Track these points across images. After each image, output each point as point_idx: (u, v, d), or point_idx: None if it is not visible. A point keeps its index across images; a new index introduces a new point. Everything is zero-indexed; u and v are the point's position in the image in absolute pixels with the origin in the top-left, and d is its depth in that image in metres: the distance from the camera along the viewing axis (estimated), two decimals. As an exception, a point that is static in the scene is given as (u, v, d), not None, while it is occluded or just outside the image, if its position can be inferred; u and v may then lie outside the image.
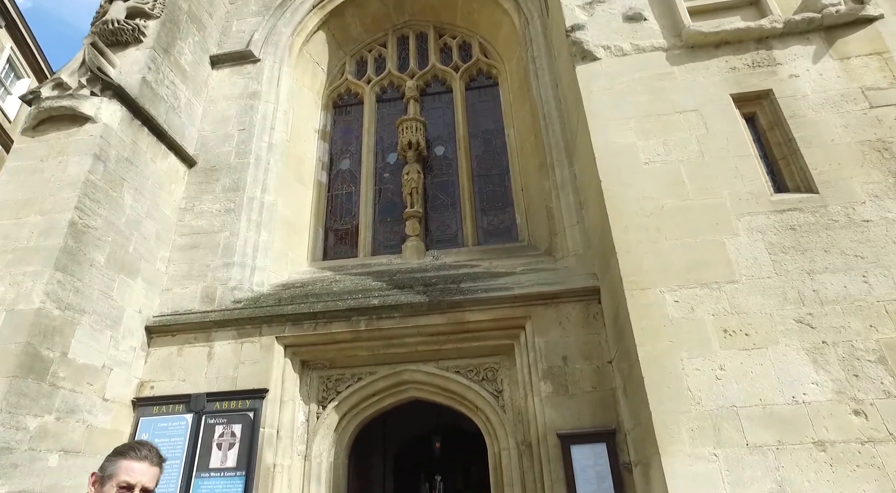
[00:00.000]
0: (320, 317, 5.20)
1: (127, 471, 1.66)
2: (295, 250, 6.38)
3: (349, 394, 5.28)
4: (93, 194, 4.86)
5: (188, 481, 4.68)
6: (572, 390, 4.60)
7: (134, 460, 1.69)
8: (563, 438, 4.41)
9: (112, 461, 1.70)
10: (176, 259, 5.80)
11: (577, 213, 5.38)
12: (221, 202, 6.08)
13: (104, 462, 1.71)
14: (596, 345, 4.74)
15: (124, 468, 1.67)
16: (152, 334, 5.37)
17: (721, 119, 4.35)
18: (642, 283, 3.87)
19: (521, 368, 4.90)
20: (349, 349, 5.26)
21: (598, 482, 4.24)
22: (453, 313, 5.04)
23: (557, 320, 4.89)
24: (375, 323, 5.12)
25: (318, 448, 5.10)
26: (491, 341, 5.10)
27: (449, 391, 5.23)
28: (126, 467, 1.67)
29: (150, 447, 1.78)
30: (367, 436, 6.15)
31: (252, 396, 4.95)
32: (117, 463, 1.68)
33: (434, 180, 6.93)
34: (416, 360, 5.28)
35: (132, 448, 1.74)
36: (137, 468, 1.68)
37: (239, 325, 5.28)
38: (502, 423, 4.91)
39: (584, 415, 4.50)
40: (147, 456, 1.73)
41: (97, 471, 1.70)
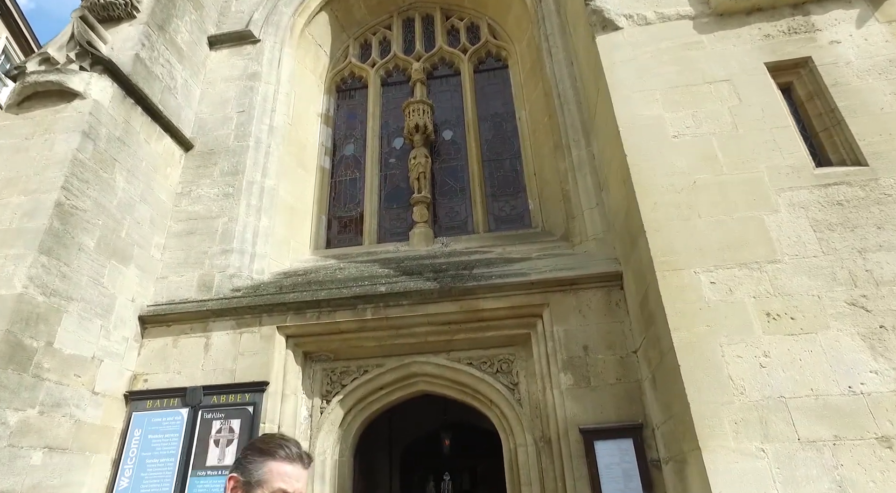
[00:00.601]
0: (324, 305, 4.88)
1: (281, 477, 1.31)
2: (297, 237, 6.06)
3: (355, 388, 4.95)
4: (81, 174, 4.54)
5: (183, 480, 4.35)
6: (594, 382, 4.28)
7: (286, 462, 1.34)
8: (586, 433, 4.09)
9: (256, 463, 1.32)
10: (171, 246, 5.48)
11: (596, 195, 5.05)
12: (220, 187, 5.76)
13: (242, 463, 1.34)
14: (619, 334, 4.41)
15: (277, 472, 1.31)
16: (146, 324, 5.05)
17: (755, 89, 4.02)
18: (675, 263, 3.54)
19: (539, 359, 4.57)
20: (355, 340, 4.93)
21: (624, 481, 3.92)
22: (466, 300, 4.71)
23: (577, 307, 4.57)
24: (383, 312, 4.80)
25: (321, 445, 4.78)
26: (506, 331, 4.77)
27: (460, 385, 4.90)
28: (279, 471, 1.31)
29: (296, 442, 1.41)
30: (371, 434, 5.83)
31: (252, 389, 4.63)
32: (265, 466, 1.31)
33: (442, 166, 6.60)
34: (425, 351, 4.95)
35: (280, 446, 1.36)
36: (291, 472, 1.33)
37: (238, 314, 4.95)
38: (518, 418, 4.58)
39: (608, 409, 4.17)
40: (299, 456, 1.37)
41: (236, 473, 1.32)
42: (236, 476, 1.32)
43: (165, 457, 4.47)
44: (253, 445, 1.40)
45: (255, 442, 1.42)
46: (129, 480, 4.39)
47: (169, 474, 4.39)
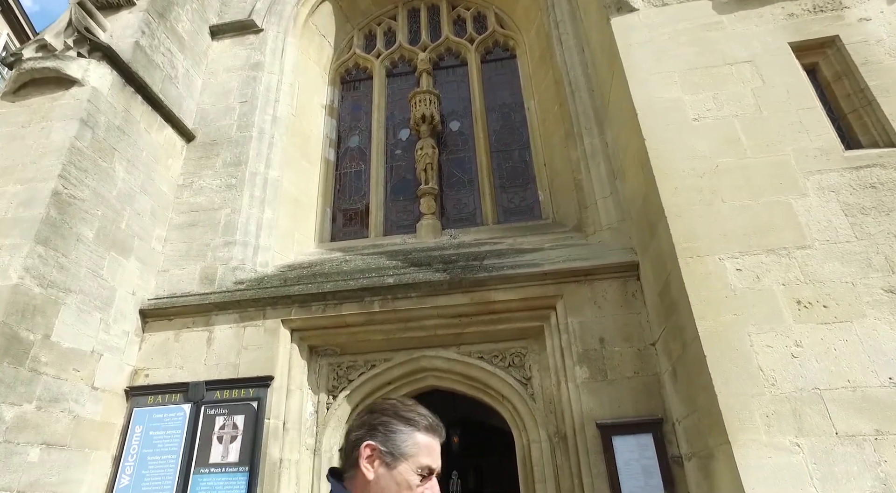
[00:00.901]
0: (330, 298, 4.71)
1: (428, 451, 1.15)
2: (301, 229, 5.90)
3: (362, 383, 4.79)
4: (79, 163, 4.38)
5: (186, 477, 4.19)
6: (611, 375, 4.11)
7: (430, 434, 1.17)
8: (604, 428, 3.92)
9: (401, 433, 1.14)
10: (173, 238, 5.32)
11: (610, 184, 4.88)
12: (222, 178, 5.60)
13: (380, 430, 1.14)
14: (636, 326, 4.24)
15: (424, 446, 1.14)
16: (147, 318, 4.90)
17: (779, 70, 3.85)
18: (698, 250, 3.37)
19: (553, 352, 4.40)
20: (362, 333, 4.77)
21: (644, 478, 3.75)
22: (477, 291, 4.54)
23: (592, 298, 4.40)
24: (391, 304, 4.63)
25: (328, 442, 4.62)
26: (518, 323, 4.61)
27: (471, 379, 4.73)
28: (426, 445, 1.15)
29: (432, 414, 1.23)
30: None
31: (256, 384, 4.47)
32: (412, 437, 1.14)
33: (449, 157, 6.44)
34: (435, 345, 4.79)
35: (422, 415, 1.18)
36: (435, 447, 1.17)
37: (241, 307, 4.80)
38: (531, 413, 4.41)
39: (626, 403, 4.00)
40: (440, 430, 1.20)
41: (374, 442, 1.13)
42: (375, 445, 1.13)
43: (167, 454, 4.31)
44: (388, 410, 1.19)
45: (389, 407, 1.20)
46: (129, 478, 4.24)
47: (171, 471, 4.23)
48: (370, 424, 1.17)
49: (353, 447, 1.16)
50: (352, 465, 1.15)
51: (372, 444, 1.13)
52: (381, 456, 1.12)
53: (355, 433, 1.18)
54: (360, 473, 1.12)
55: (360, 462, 1.13)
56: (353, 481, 1.14)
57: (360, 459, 1.13)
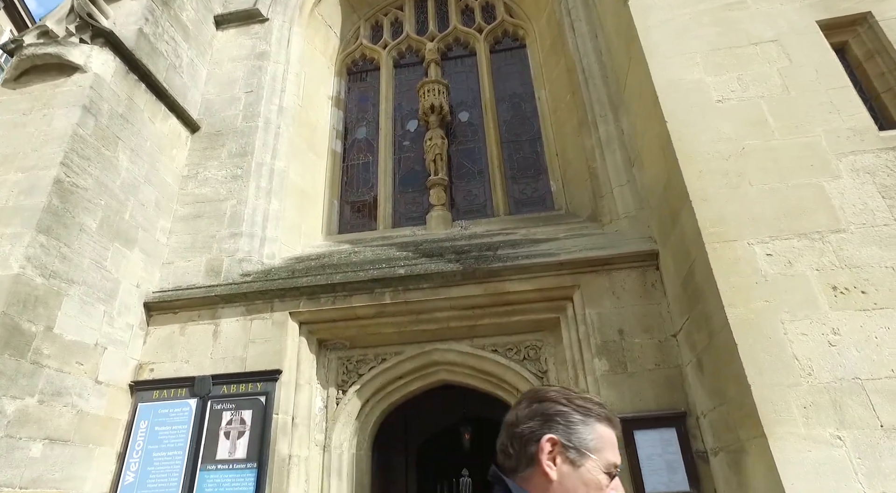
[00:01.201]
0: (339, 290, 4.57)
1: (612, 446, 1.02)
2: (308, 221, 5.76)
3: (372, 377, 4.64)
4: (82, 151, 4.25)
5: (192, 474, 4.06)
6: (631, 367, 3.95)
7: (609, 426, 1.04)
8: (625, 422, 3.74)
9: (583, 425, 1.00)
10: (178, 230, 5.19)
11: (627, 172, 4.72)
12: (228, 168, 5.46)
13: (560, 422, 0.99)
14: (656, 316, 4.09)
15: (609, 440, 1.02)
16: (152, 312, 4.76)
17: (807, 49, 3.68)
18: (726, 234, 3.22)
19: (570, 344, 4.25)
20: (372, 326, 4.63)
21: (668, 474, 3.59)
22: (490, 282, 4.39)
23: (610, 288, 4.24)
24: (402, 295, 4.49)
25: (338, 438, 4.47)
26: (533, 315, 4.45)
27: (485, 373, 4.58)
28: (610, 439, 1.02)
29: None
30: (386, 429, 5.54)
31: (263, 378, 4.33)
32: (595, 430, 1.00)
33: (458, 148, 6.29)
34: (447, 338, 4.64)
35: (598, 404, 1.05)
36: (615, 441, 1.04)
37: (248, 300, 4.66)
38: (548, 407, 4.26)
39: (647, 396, 3.85)
40: (615, 420, 1.07)
41: (555, 435, 0.98)
42: (557, 439, 0.98)
43: (173, 450, 4.18)
44: (558, 398, 1.02)
45: (558, 394, 1.04)
46: (134, 474, 4.11)
47: (177, 468, 4.10)
48: (544, 414, 1.00)
49: (526, 441, 0.99)
50: (527, 462, 0.98)
51: (554, 438, 0.97)
52: (565, 452, 0.97)
53: (525, 424, 1.01)
54: (539, 472, 0.96)
55: (540, 459, 0.96)
56: (528, 481, 0.97)
57: (540, 455, 0.96)
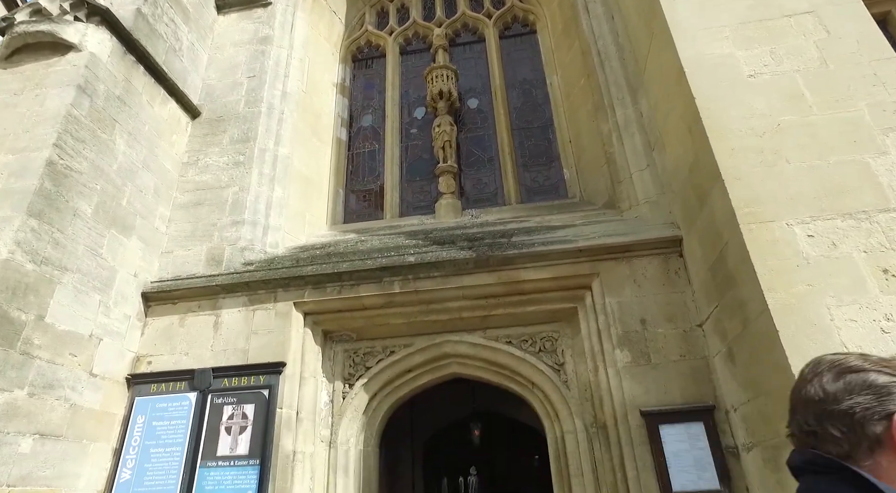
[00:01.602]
0: (346, 278, 4.35)
1: None
2: (312, 210, 5.53)
3: (380, 370, 4.41)
4: (76, 132, 4.03)
5: (192, 471, 3.83)
6: (655, 359, 3.72)
7: None
8: (650, 416, 3.53)
9: None
10: (177, 218, 4.97)
11: (646, 155, 4.49)
12: (229, 155, 5.24)
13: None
14: (680, 305, 3.86)
15: None
16: (150, 302, 4.54)
17: (846, 20, 3.45)
18: (762, 215, 2.99)
19: (589, 335, 4.02)
20: (380, 317, 4.40)
21: (696, 471, 3.36)
22: (505, 271, 4.16)
23: (631, 276, 4.01)
24: (412, 284, 4.26)
25: (344, 434, 4.25)
26: (549, 305, 4.22)
27: (498, 366, 4.35)
28: None
29: None
30: (393, 425, 5.32)
31: (266, 370, 4.11)
32: None
33: (467, 135, 6.06)
34: (458, 329, 4.41)
35: None
36: None
37: (250, 290, 4.44)
38: (565, 401, 4.03)
39: (673, 389, 3.62)
40: None
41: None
42: None
43: (171, 446, 3.95)
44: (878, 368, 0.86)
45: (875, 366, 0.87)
46: (131, 471, 3.88)
47: (175, 465, 3.87)
48: (871, 386, 0.82)
49: (862, 420, 0.82)
50: (869, 446, 0.82)
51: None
52: None
53: (849, 400, 0.84)
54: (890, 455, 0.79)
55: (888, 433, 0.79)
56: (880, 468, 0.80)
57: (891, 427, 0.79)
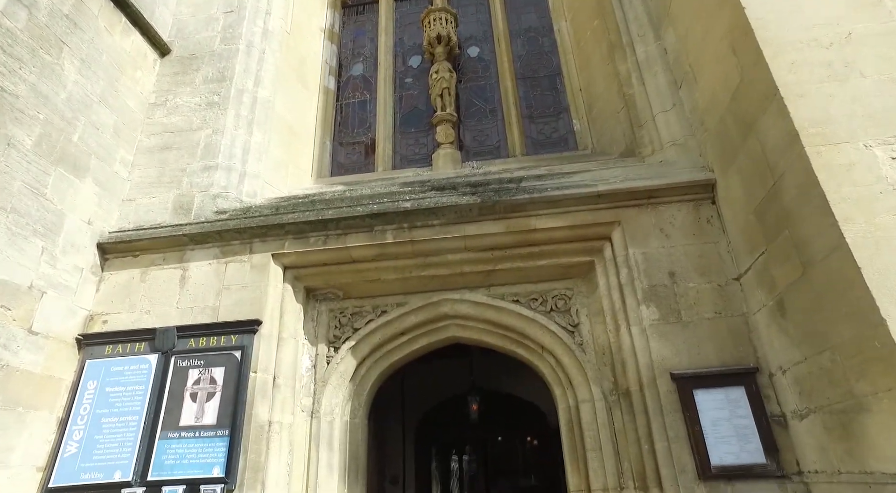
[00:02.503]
0: (332, 227, 3.74)
1: None
2: (297, 162, 4.89)
3: (370, 332, 3.83)
4: (10, 48, 3.34)
5: (150, 443, 3.23)
6: (686, 316, 3.19)
7: None
8: (682, 380, 3.00)
9: None
10: (142, 163, 4.30)
11: (672, 94, 3.93)
12: (203, 95, 4.57)
13: None
14: (714, 257, 3.32)
15: None
16: (107, 254, 3.89)
17: (921, -83, 2.89)
18: (832, 135, 2.44)
19: (608, 291, 3.47)
20: (371, 272, 3.81)
21: (738, 442, 2.84)
22: (513, 218, 3.59)
23: (658, 225, 3.46)
24: (407, 234, 3.67)
25: (328, 403, 3.67)
26: (563, 258, 3.66)
27: (503, 328, 3.79)
28: None
29: None
30: (382, 398, 4.77)
31: (239, 329, 3.50)
32: None
33: (468, 85, 5.44)
34: (459, 286, 3.84)
35: None
36: None
37: (223, 240, 3.81)
38: (580, 366, 3.49)
39: (707, 350, 3.09)
40: None
41: None
42: None
43: (127, 415, 3.34)
44: None
45: None
46: (78, 444, 3.26)
47: (131, 436, 3.26)
48: None
49: None
50: None
51: None
52: None
53: None
54: None
55: None
56: None
57: None
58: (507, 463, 8.34)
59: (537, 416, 6.30)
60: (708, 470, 2.79)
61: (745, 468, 2.78)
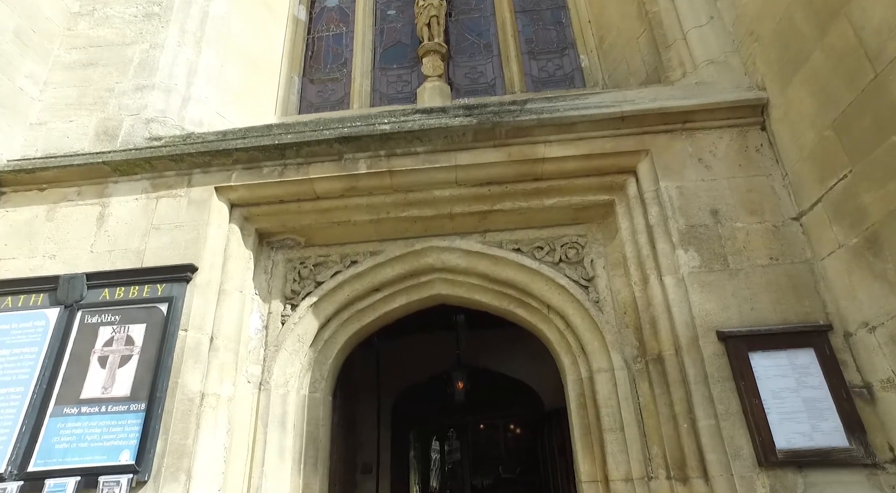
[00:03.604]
0: (291, 155, 2.92)
1: None
2: (258, 96, 4.03)
3: (337, 286, 3.03)
4: None
5: (37, 422, 2.39)
6: (735, 262, 2.47)
7: None
8: (733, 340, 2.28)
9: None
10: (59, 81, 3.41)
11: (708, 6, 3.18)
12: (140, 5, 3.68)
13: None
14: (766, 193, 2.61)
15: None
16: (5, 187, 3.01)
17: None
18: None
19: (634, 234, 2.74)
20: (338, 211, 3.00)
21: (810, 419, 2.13)
22: (517, 145, 2.82)
23: (694, 155, 2.73)
24: (384, 163, 2.87)
25: (282, 372, 2.87)
26: (576, 197, 2.91)
27: (501, 284, 3.03)
28: None
29: None
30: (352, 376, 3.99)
31: (168, 277, 2.67)
32: None
33: (459, 17, 4.63)
34: (447, 232, 3.06)
35: None
36: None
37: (154, 170, 2.97)
38: (597, 327, 2.75)
39: (763, 304, 2.38)
40: None
41: None
42: None
43: (11, 386, 2.49)
44: None
45: None
46: (-58, 422, 2.41)
47: (11, 414, 2.41)
48: None
49: None
50: None
51: None
52: None
53: None
54: None
55: None
56: None
57: None
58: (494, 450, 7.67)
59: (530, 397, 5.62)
60: (772, 455, 2.08)
61: (820, 452, 2.07)
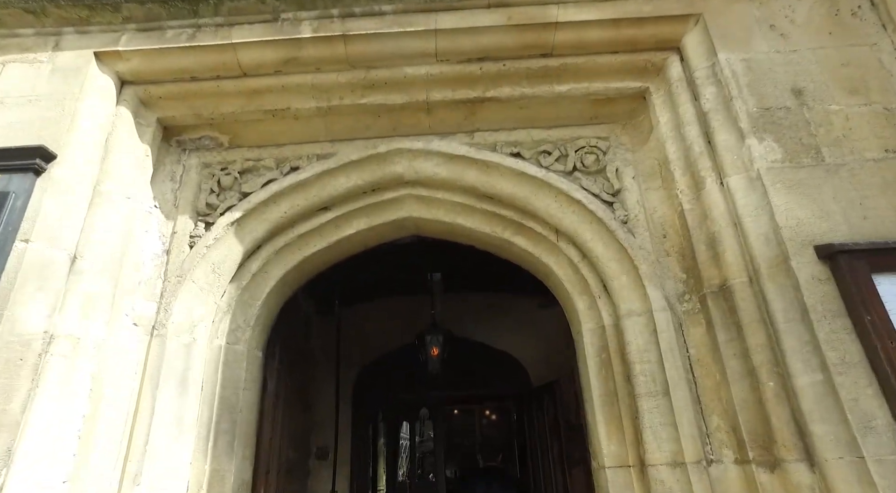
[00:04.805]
0: (206, 10, 2.02)
1: None
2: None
3: (269, 198, 2.12)
4: None
5: None
6: (833, 155, 1.68)
7: None
8: (847, 257, 1.48)
9: None
10: None
11: None
12: None
13: None
14: (870, 67, 1.83)
15: None
16: None
17: None
18: None
19: (679, 128, 1.92)
20: (273, 95, 2.11)
21: (974, 371, 1.34)
22: (521, 5, 1.96)
23: (765, 20, 1.94)
24: (338, 26, 1.99)
25: (186, 312, 1.97)
26: (599, 83, 2.07)
27: (493, 202, 2.18)
28: None
29: None
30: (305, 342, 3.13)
31: (9, 164, 1.77)
32: None
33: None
34: (423, 130, 2.19)
35: None
36: None
37: (4, 26, 2.05)
38: (627, 256, 1.92)
39: (878, 210, 1.59)
40: None
41: None
42: None
43: None
44: None
45: None
46: None
47: None
48: None
49: None
50: None
51: None
52: None
53: None
54: None
55: None
56: None
57: None
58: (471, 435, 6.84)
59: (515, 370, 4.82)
60: (919, 426, 1.29)
61: None
